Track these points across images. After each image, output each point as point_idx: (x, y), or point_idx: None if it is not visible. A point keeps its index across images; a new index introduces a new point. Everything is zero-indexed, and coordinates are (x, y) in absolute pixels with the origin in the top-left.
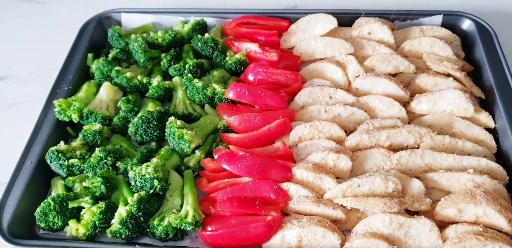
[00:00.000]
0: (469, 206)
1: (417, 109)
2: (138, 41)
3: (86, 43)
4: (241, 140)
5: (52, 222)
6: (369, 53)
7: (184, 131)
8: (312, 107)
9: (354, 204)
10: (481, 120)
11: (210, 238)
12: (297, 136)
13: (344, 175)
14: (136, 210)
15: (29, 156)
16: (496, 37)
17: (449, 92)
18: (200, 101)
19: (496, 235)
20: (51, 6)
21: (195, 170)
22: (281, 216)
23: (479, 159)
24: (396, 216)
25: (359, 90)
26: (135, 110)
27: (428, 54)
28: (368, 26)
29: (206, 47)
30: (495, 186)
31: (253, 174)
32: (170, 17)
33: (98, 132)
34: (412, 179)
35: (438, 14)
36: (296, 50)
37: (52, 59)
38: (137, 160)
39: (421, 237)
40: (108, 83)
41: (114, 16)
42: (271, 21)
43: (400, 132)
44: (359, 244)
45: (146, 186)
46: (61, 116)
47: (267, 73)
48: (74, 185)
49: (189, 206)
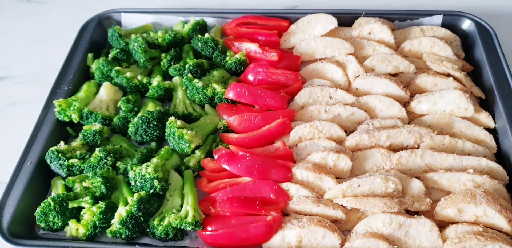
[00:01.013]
0: (469, 206)
1: (417, 109)
2: (138, 41)
3: (86, 43)
4: (241, 140)
5: (52, 222)
6: (369, 53)
7: (184, 131)
8: (312, 107)
9: (354, 204)
10: (481, 120)
11: (210, 238)
12: (297, 136)
13: (344, 175)
14: (136, 210)
15: (29, 156)
16: (496, 37)
17: (449, 92)
18: (200, 101)
19: (496, 235)
20: (51, 6)
21: (195, 170)
22: (281, 216)
23: (479, 159)
24: (396, 216)
25: (359, 90)
26: (135, 110)
27: (428, 54)
28: (368, 26)
29: (206, 47)
30: (495, 186)
31: (253, 174)
32: (170, 17)
33: (98, 132)
34: (412, 179)
35: (438, 14)
36: (296, 50)
37: (52, 59)
38: (137, 160)
39: (421, 237)
40: (108, 83)
41: (114, 16)
42: (271, 21)
43: (400, 132)
44: (359, 244)
45: (146, 186)
46: (61, 116)
47: (267, 73)
48: (74, 185)
49: (189, 206)
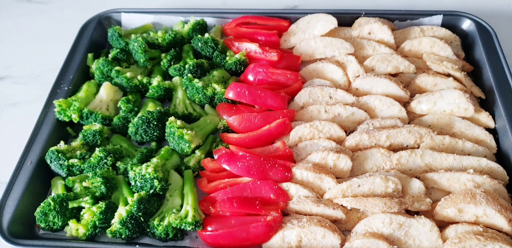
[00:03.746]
0: (469, 206)
1: (417, 109)
2: (138, 41)
3: (86, 43)
4: (241, 140)
5: (52, 222)
6: (369, 53)
7: (184, 131)
8: (312, 107)
9: (354, 204)
10: (481, 120)
11: (210, 238)
12: (297, 136)
13: (344, 175)
14: (136, 210)
15: (29, 156)
16: (496, 37)
17: (449, 92)
18: (200, 101)
19: (496, 235)
20: (51, 6)
21: (195, 170)
22: (281, 216)
23: (479, 159)
24: (396, 216)
25: (359, 90)
26: (135, 110)
27: (428, 54)
28: (368, 26)
29: (206, 47)
30: (495, 186)
31: (253, 174)
32: (170, 17)
33: (98, 132)
34: (412, 179)
35: (438, 14)
36: (296, 50)
37: (52, 59)
38: (137, 160)
39: (421, 237)
40: (108, 83)
41: (114, 16)
42: (271, 21)
43: (400, 132)
44: (359, 244)
45: (146, 186)
46: (61, 116)
47: (267, 73)
48: (74, 185)
49: (189, 206)
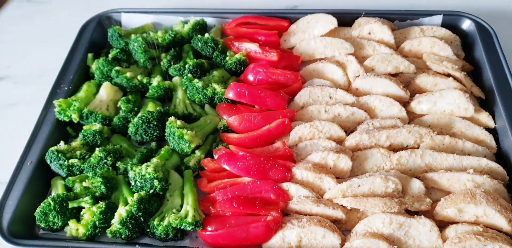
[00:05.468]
0: (469, 206)
1: (417, 109)
2: (138, 41)
3: (86, 43)
4: (241, 140)
5: (52, 222)
6: (369, 53)
7: (184, 131)
8: (312, 107)
9: (354, 204)
10: (481, 120)
11: (210, 238)
12: (297, 136)
13: (344, 175)
14: (136, 210)
15: (29, 156)
16: (496, 37)
17: (449, 92)
18: (200, 101)
19: (496, 235)
20: (51, 6)
21: (195, 170)
22: (281, 216)
23: (479, 159)
24: (396, 216)
25: (359, 90)
26: (135, 110)
27: (428, 54)
28: (368, 26)
29: (206, 47)
30: (495, 186)
31: (253, 174)
32: (170, 17)
33: (98, 132)
34: (412, 179)
35: (438, 14)
36: (296, 50)
37: (52, 59)
38: (137, 160)
39: (421, 237)
40: (108, 83)
41: (114, 16)
42: (271, 21)
43: (400, 132)
44: (359, 244)
45: (146, 186)
46: (61, 116)
47: (267, 73)
48: (74, 185)
49: (189, 206)
